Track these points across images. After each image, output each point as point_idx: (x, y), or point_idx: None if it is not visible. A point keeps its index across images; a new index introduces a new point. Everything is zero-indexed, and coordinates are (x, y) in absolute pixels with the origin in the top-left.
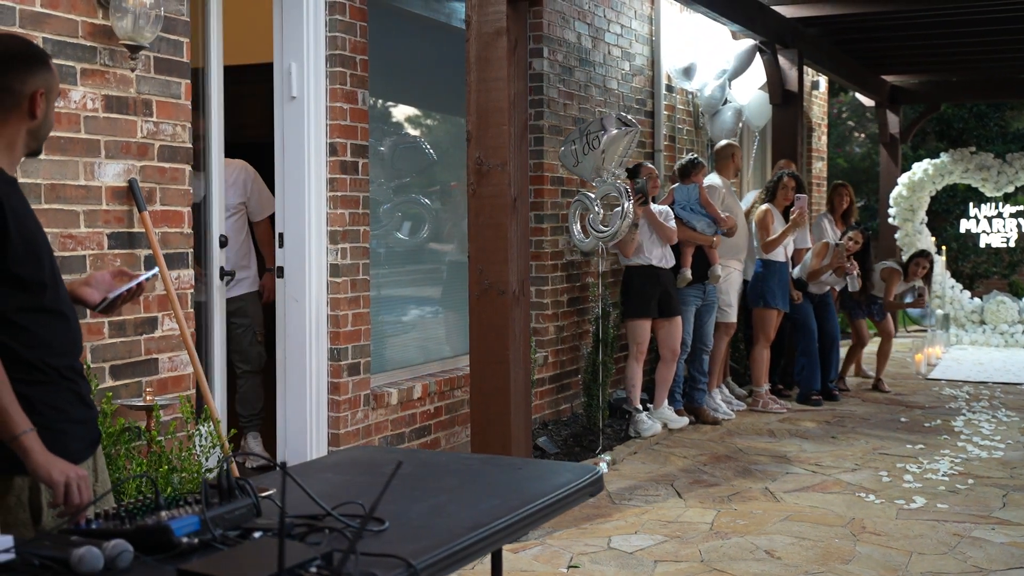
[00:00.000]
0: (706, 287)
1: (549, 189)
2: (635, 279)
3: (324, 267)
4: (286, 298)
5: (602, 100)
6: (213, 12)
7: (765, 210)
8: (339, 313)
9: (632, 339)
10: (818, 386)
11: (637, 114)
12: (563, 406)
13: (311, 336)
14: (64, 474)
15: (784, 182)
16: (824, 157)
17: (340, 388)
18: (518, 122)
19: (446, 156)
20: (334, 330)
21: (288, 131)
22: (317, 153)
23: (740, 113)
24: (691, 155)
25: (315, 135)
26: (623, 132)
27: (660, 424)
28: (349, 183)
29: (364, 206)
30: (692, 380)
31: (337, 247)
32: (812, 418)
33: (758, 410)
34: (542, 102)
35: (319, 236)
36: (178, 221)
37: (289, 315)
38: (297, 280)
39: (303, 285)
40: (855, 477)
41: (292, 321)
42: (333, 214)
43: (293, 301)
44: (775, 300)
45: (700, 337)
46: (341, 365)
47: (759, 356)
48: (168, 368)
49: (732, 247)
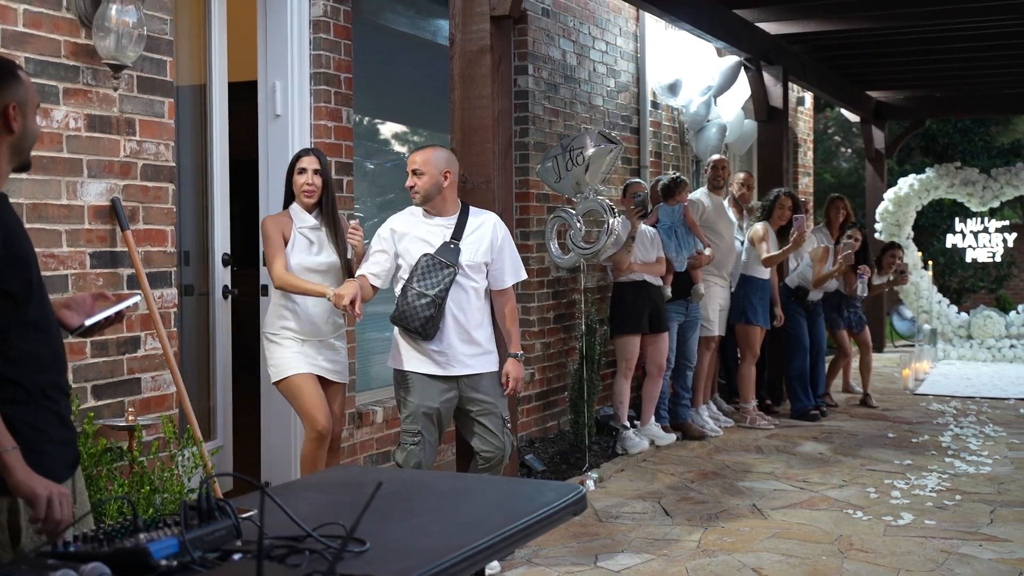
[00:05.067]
0: (688, 304)
1: (535, 206)
2: (627, 295)
3: None
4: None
5: (587, 117)
6: (216, 28)
7: (762, 228)
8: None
9: (621, 355)
10: (812, 401)
11: (623, 131)
12: (550, 423)
13: None
14: (47, 489)
15: (780, 201)
16: (811, 172)
17: None
18: (502, 139)
19: None
20: None
21: (272, 149)
22: None
23: (725, 129)
24: (673, 174)
25: None
26: (606, 149)
27: (647, 441)
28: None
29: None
30: (676, 396)
31: None
32: (800, 434)
33: (746, 426)
34: (527, 119)
35: None
36: (161, 240)
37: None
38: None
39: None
40: (843, 493)
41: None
42: None
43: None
44: (756, 317)
45: (684, 353)
46: None
47: (746, 372)
48: (151, 388)
49: (716, 264)
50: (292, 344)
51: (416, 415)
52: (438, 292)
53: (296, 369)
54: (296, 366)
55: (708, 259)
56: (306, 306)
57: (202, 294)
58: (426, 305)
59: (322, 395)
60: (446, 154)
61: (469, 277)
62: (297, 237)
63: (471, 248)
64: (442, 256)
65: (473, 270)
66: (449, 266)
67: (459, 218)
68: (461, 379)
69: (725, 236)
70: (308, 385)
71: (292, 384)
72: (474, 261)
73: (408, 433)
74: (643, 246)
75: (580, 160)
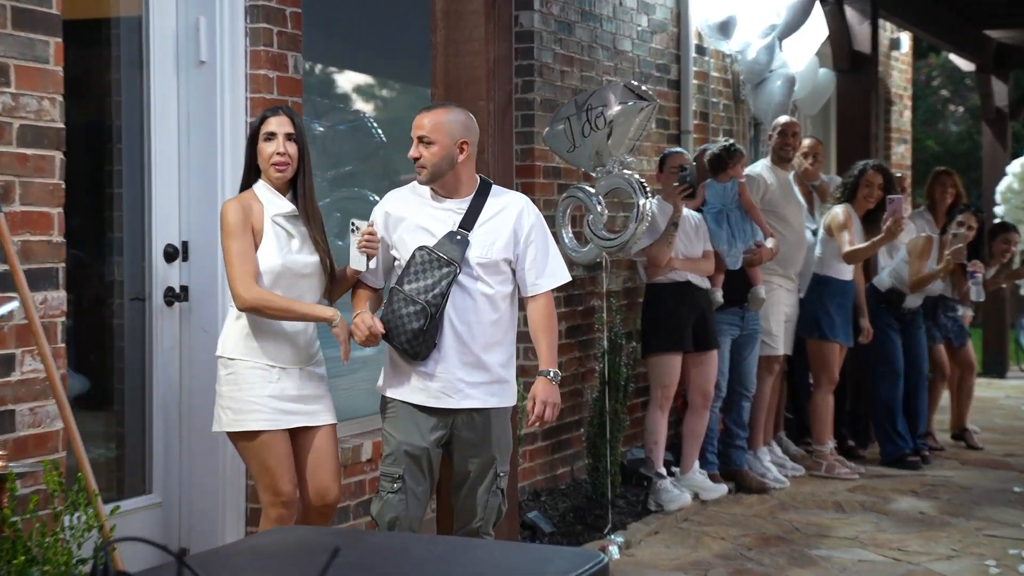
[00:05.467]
0: (745, 313)
1: (541, 183)
2: (665, 300)
3: None
4: (191, 329)
5: (611, 66)
6: None
7: (843, 212)
8: None
9: (657, 380)
10: (910, 443)
11: (658, 84)
12: (561, 470)
13: None
14: None
15: (867, 177)
16: (907, 139)
17: None
18: (499, 96)
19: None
20: None
21: (194, 108)
22: (234, 136)
23: (793, 82)
24: (725, 141)
25: (231, 112)
26: (635, 107)
27: (689, 494)
28: None
29: None
30: (728, 435)
31: None
32: (893, 486)
33: (821, 475)
34: (532, 69)
35: None
36: (45, 226)
37: (195, 351)
38: (206, 304)
39: (214, 310)
40: (952, 567)
41: (199, 359)
42: None
43: (201, 332)
44: (834, 331)
45: (738, 378)
46: None
47: (821, 404)
48: (29, 423)
49: (780, 259)
50: (261, 377)
51: (398, 455)
52: (431, 298)
53: (265, 423)
54: (265, 417)
55: (771, 253)
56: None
57: (137, 299)
58: (414, 315)
59: (291, 457)
60: (463, 117)
61: (478, 279)
62: (271, 229)
63: (484, 240)
64: (441, 250)
65: (485, 269)
66: (448, 264)
67: (474, 200)
68: (458, 414)
69: (794, 223)
70: (280, 446)
71: (260, 442)
72: (487, 258)
73: (387, 478)
74: (686, 236)
75: (601, 123)
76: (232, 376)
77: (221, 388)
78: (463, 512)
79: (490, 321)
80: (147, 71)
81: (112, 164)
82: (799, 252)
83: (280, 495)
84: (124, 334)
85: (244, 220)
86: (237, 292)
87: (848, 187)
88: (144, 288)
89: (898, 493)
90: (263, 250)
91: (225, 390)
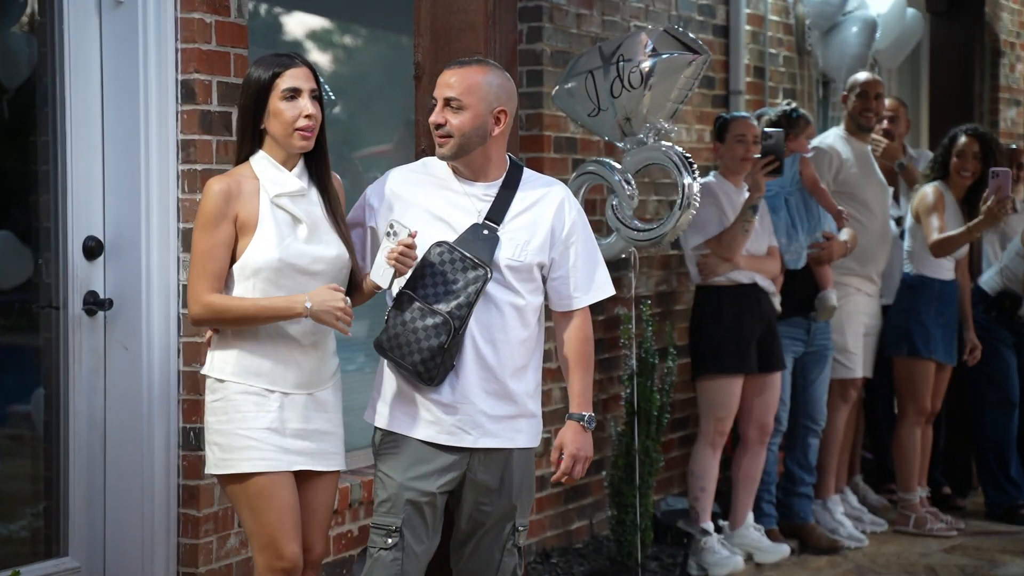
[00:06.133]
0: (812, 325)
1: (552, 159)
2: (726, 309)
3: (173, 292)
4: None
5: (641, 8)
6: None
7: (933, 192)
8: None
9: (710, 410)
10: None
11: (700, 31)
12: (577, 524)
13: (151, 407)
14: None
15: (961, 146)
16: (1020, 100)
17: (199, 496)
18: (501, 48)
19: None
20: (190, 397)
21: (110, 60)
22: (160, 98)
23: (874, 28)
24: (786, 105)
25: (156, 67)
26: (680, 60)
27: (742, 555)
28: (216, 149)
29: None
30: (791, 479)
31: None
32: (1002, 546)
33: (909, 531)
34: (540, 12)
35: (164, 240)
36: None
37: (115, 371)
38: (128, 315)
39: (138, 322)
40: None
41: (120, 382)
42: (189, 201)
43: (122, 349)
44: (930, 346)
45: (804, 408)
46: (202, 457)
47: (908, 440)
48: None
49: (858, 256)
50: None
51: (397, 503)
52: (456, 308)
53: (261, 463)
54: (262, 456)
55: (845, 248)
56: (287, 325)
57: (49, 307)
58: (433, 329)
59: (296, 508)
60: (503, 80)
61: (509, 287)
62: (270, 213)
63: (517, 238)
64: (466, 248)
65: (517, 275)
66: (477, 266)
67: (504, 186)
68: (476, 453)
69: (876, 210)
70: (282, 493)
71: (256, 488)
72: (520, 260)
73: (380, 531)
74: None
75: (636, 79)
76: (220, 403)
77: (208, 418)
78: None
79: (519, 340)
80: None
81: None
82: (882, 246)
83: (282, 558)
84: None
85: (223, 208)
86: (191, 300)
87: (938, 161)
88: (59, 293)
89: (1008, 555)
90: (257, 241)
91: (212, 421)
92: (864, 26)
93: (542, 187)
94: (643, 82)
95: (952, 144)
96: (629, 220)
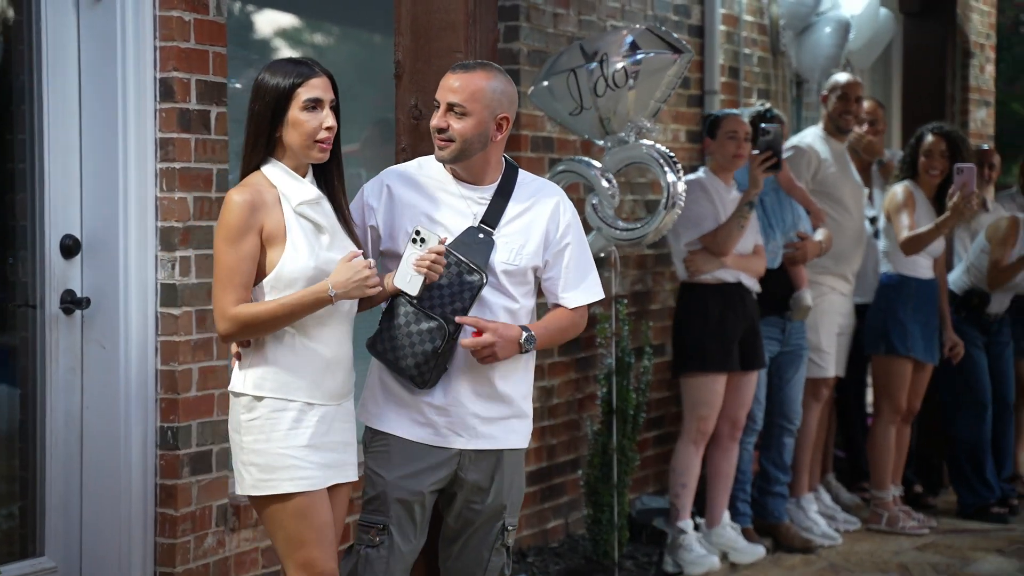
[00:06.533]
0: (787, 324)
1: (529, 158)
2: (712, 307)
3: (151, 291)
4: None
5: (617, 8)
6: None
7: (903, 191)
8: (177, 368)
9: (693, 408)
10: (996, 490)
11: (676, 32)
12: (552, 523)
13: (128, 406)
14: None
15: (927, 145)
16: (990, 100)
17: (177, 495)
18: (481, 47)
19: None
20: (168, 396)
21: (87, 58)
22: (139, 96)
23: (847, 29)
24: (760, 105)
25: (134, 65)
26: (668, 58)
27: (718, 554)
28: (195, 147)
29: (220, 186)
30: (766, 478)
31: (174, 256)
32: (973, 544)
33: (881, 529)
34: (517, 12)
35: (142, 239)
36: None
37: (92, 370)
38: (106, 313)
39: (115, 321)
40: None
41: (97, 381)
42: (167, 200)
43: (99, 348)
44: (907, 343)
45: (779, 407)
46: (179, 456)
47: (882, 439)
48: None
49: (834, 255)
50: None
51: (385, 500)
52: (452, 313)
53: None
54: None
55: (819, 248)
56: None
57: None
58: (428, 333)
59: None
60: (507, 86)
61: (503, 291)
62: (296, 223)
63: (513, 242)
64: (462, 252)
65: (511, 279)
66: (473, 271)
67: (500, 189)
68: (467, 453)
69: (852, 210)
70: (322, 511)
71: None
72: (515, 264)
73: (367, 527)
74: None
75: (621, 78)
76: (259, 422)
77: (243, 438)
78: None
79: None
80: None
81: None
82: (858, 246)
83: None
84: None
85: (249, 221)
86: (217, 316)
87: (907, 161)
88: (36, 292)
89: (980, 552)
90: (291, 252)
91: (249, 441)
92: (838, 27)
93: (537, 190)
94: (627, 81)
95: (919, 143)
96: (611, 219)
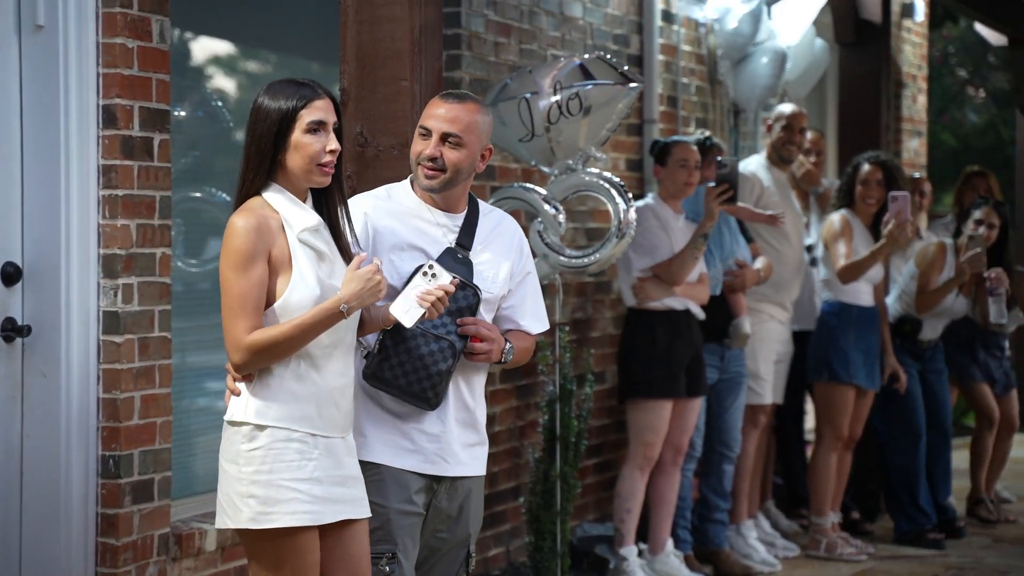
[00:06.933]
0: (725, 352)
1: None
2: (659, 334)
3: (93, 318)
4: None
5: (557, 37)
6: None
7: (840, 220)
8: (119, 396)
9: (639, 433)
10: (932, 516)
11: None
12: (493, 551)
13: (69, 434)
14: None
15: (864, 174)
16: (922, 130)
17: (118, 524)
18: (427, 75)
19: None
20: (110, 425)
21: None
22: (81, 123)
23: (784, 60)
24: (699, 133)
25: (77, 92)
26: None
27: None
28: (138, 174)
29: (164, 213)
30: (706, 505)
31: (116, 284)
32: (910, 570)
33: (820, 556)
34: (459, 40)
35: (84, 266)
36: None
37: (33, 399)
38: (47, 341)
39: (57, 349)
40: None
41: (38, 409)
42: (110, 227)
43: (40, 376)
44: (850, 370)
45: (718, 434)
46: (120, 485)
47: (823, 464)
48: None
49: (773, 283)
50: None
51: (392, 528)
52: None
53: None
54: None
55: (757, 277)
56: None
57: None
58: (441, 354)
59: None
60: (489, 118)
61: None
62: (300, 249)
63: (489, 268)
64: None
65: (487, 306)
66: (466, 286)
67: (468, 217)
68: (444, 481)
69: (792, 238)
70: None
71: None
72: (491, 292)
73: (377, 558)
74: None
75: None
76: (260, 452)
77: (242, 469)
78: None
79: (483, 369)
80: None
81: None
82: (797, 274)
83: None
84: None
85: (256, 244)
86: (233, 345)
87: (843, 190)
88: None
89: None
90: (298, 279)
91: (249, 472)
92: (774, 57)
93: (496, 219)
94: (581, 110)
95: (856, 172)
96: (557, 246)
